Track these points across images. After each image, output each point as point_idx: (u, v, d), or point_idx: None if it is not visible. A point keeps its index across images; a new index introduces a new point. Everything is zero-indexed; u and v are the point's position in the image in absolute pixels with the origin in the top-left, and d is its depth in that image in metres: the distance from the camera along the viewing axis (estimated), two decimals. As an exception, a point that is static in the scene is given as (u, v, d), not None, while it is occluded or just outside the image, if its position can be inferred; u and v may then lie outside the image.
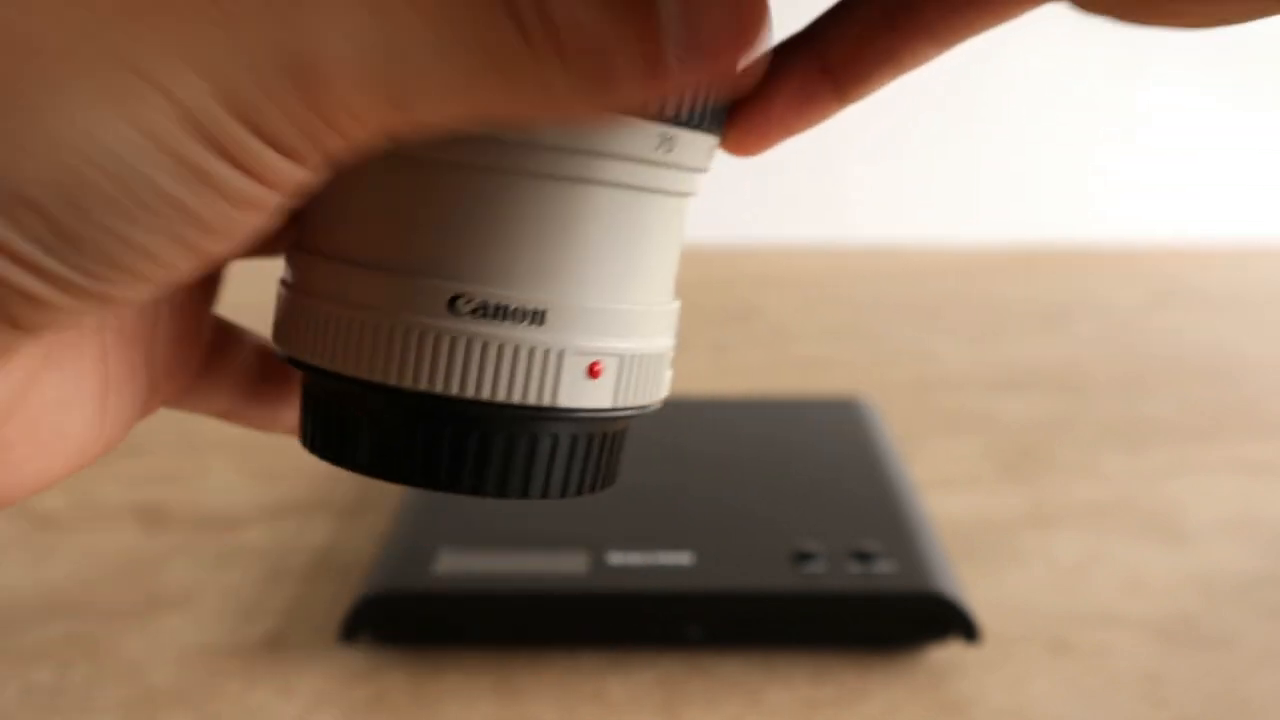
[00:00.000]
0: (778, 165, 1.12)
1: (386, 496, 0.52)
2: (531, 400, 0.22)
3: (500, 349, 0.22)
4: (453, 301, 0.22)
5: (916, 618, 0.39)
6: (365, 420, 0.23)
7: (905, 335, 0.78)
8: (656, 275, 0.24)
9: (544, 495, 0.23)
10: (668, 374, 0.25)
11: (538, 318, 0.22)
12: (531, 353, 0.22)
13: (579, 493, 0.24)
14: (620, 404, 0.23)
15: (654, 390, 0.24)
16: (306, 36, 0.16)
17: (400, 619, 0.40)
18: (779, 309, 0.81)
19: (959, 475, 0.55)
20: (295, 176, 0.17)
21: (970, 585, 0.43)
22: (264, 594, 0.44)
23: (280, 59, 0.16)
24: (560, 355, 0.22)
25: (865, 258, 1.00)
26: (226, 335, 0.28)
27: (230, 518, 0.51)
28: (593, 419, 0.23)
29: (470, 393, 0.22)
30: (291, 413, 0.28)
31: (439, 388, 0.22)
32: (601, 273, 0.23)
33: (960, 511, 0.51)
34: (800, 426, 0.53)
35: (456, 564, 0.41)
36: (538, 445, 0.23)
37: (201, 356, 0.27)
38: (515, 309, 0.22)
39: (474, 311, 0.22)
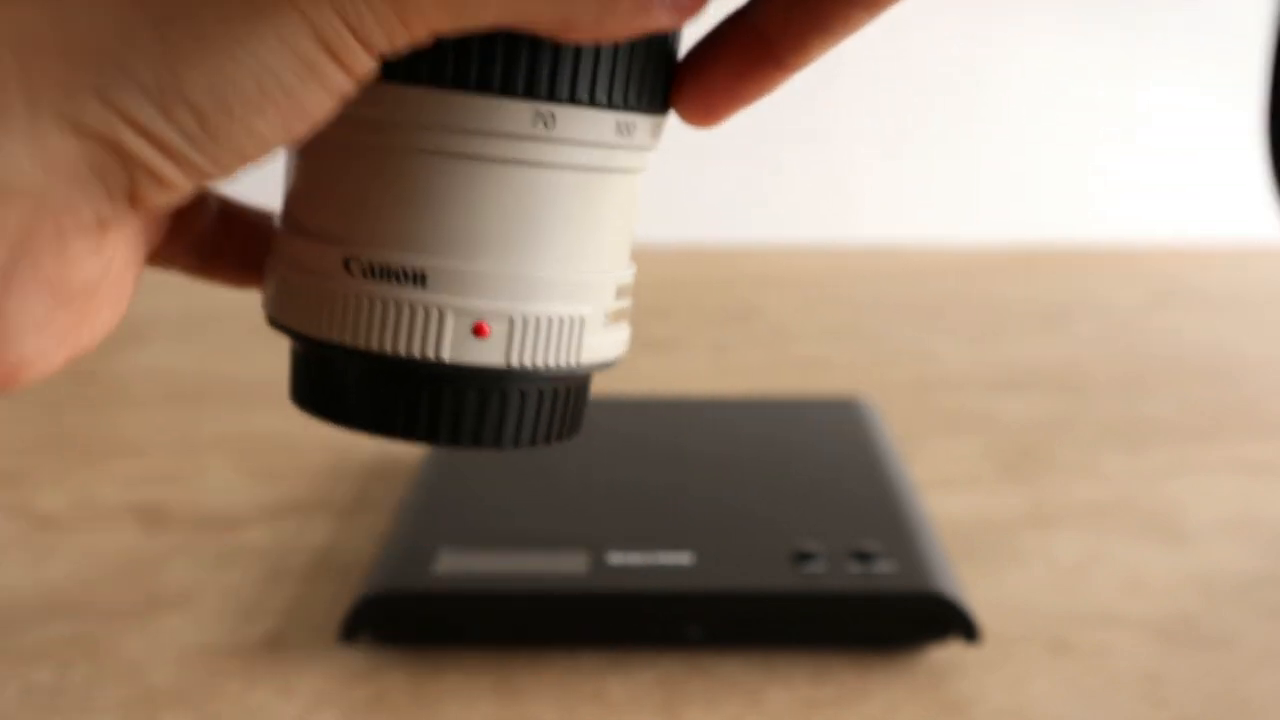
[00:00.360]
0: (778, 166, 1.12)
1: (386, 496, 0.52)
2: (418, 354, 0.24)
3: (384, 306, 0.24)
4: (346, 263, 0.25)
5: (916, 618, 0.39)
6: (304, 364, 0.27)
7: (905, 335, 0.78)
8: (561, 242, 0.25)
9: (452, 442, 0.26)
10: (599, 338, 0.26)
11: (419, 279, 0.24)
12: (413, 310, 0.24)
13: (475, 444, 0.26)
14: (517, 364, 0.25)
15: (566, 354, 0.25)
16: None
17: (400, 619, 0.40)
18: (779, 309, 0.81)
19: (959, 475, 0.55)
20: (369, 67, 0.21)
21: (970, 585, 0.43)
22: (264, 594, 0.44)
23: None
24: (441, 313, 0.24)
25: (865, 258, 1.00)
26: (233, 215, 0.30)
27: (230, 518, 0.51)
28: (489, 375, 0.25)
29: (363, 344, 0.25)
30: (255, 270, 0.29)
31: (344, 339, 0.25)
32: (489, 238, 0.24)
33: (960, 511, 0.51)
34: (800, 426, 0.53)
35: (456, 564, 0.41)
36: (440, 398, 0.25)
37: (168, 218, 0.28)
38: (398, 270, 0.24)
39: (363, 273, 0.24)
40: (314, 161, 0.25)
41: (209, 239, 0.29)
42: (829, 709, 0.38)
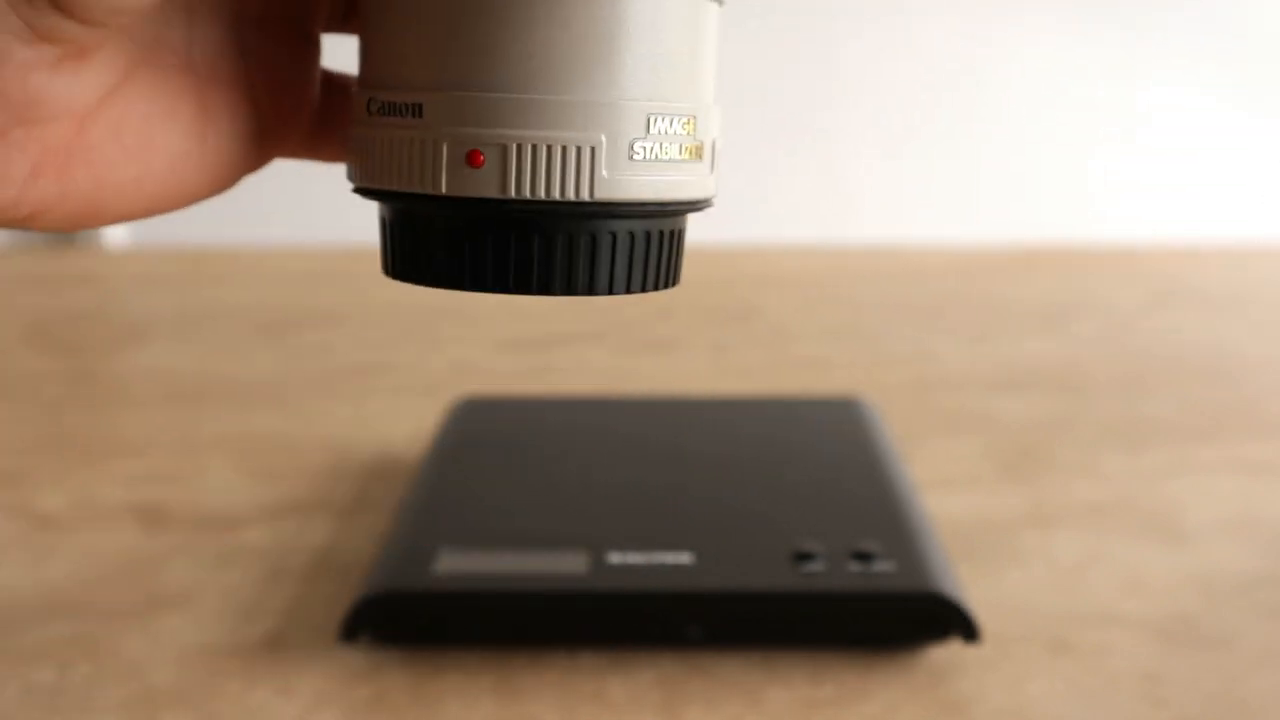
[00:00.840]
0: (778, 166, 1.12)
1: (386, 496, 0.52)
2: (417, 188, 0.24)
3: (388, 141, 0.25)
4: (368, 104, 0.25)
5: (916, 618, 0.39)
6: (384, 226, 0.27)
7: (905, 335, 0.78)
8: (561, 63, 0.23)
9: (451, 283, 0.25)
10: (628, 173, 0.24)
11: (415, 110, 0.24)
12: (409, 143, 0.24)
13: (478, 285, 0.25)
14: (514, 194, 0.24)
15: (575, 185, 0.24)
16: None
17: (400, 619, 0.40)
18: (779, 309, 0.81)
19: (959, 475, 0.55)
20: None
21: (970, 585, 0.43)
22: (264, 594, 0.44)
23: None
24: (435, 144, 0.24)
25: (865, 258, 1.00)
26: (339, 85, 0.31)
27: (230, 518, 0.51)
28: (487, 205, 0.24)
29: (377, 183, 0.25)
30: None
31: (367, 181, 0.26)
32: (479, 63, 0.23)
33: (960, 511, 0.51)
34: (800, 426, 0.53)
35: (456, 564, 0.41)
36: (431, 227, 0.25)
37: (312, 110, 0.30)
38: (399, 104, 0.24)
39: (378, 111, 0.25)
40: (358, 13, 0.26)
41: (317, 120, 0.30)
42: (829, 709, 0.38)
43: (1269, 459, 0.57)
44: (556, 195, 0.24)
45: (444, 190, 0.24)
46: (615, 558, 0.41)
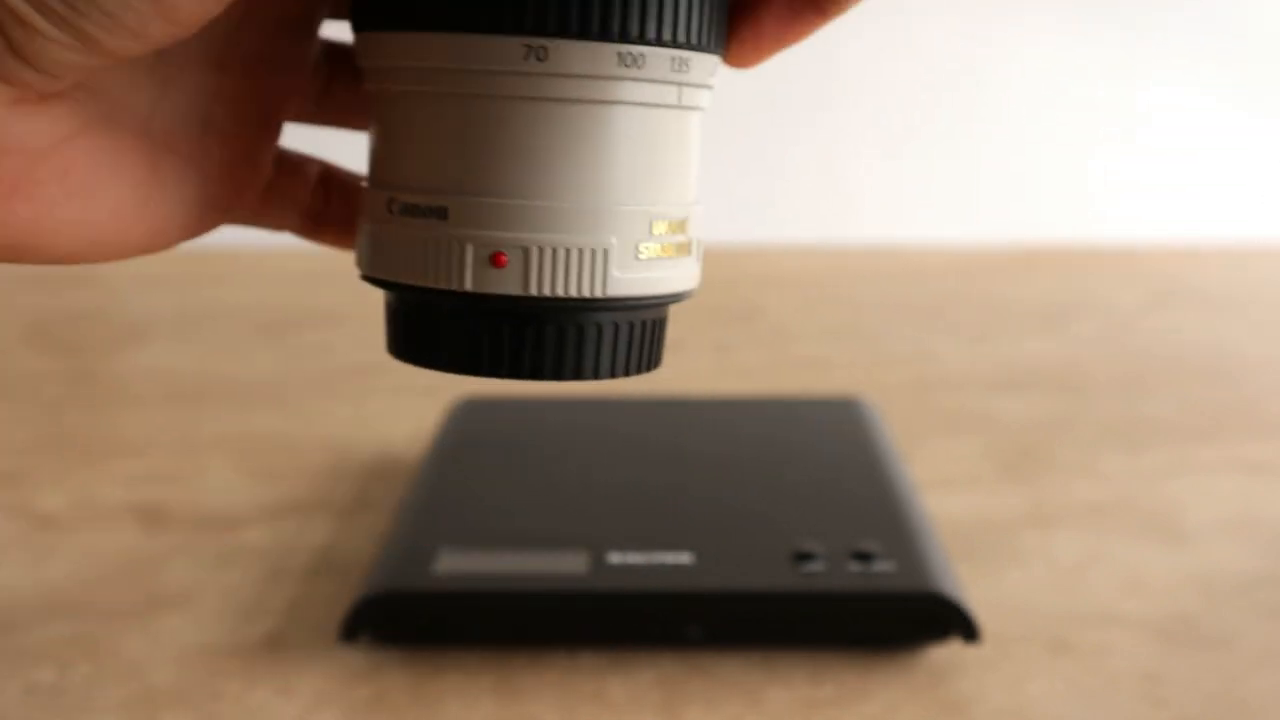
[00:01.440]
0: (779, 166, 1.12)
1: (386, 496, 0.52)
2: (442, 284, 0.26)
3: (412, 239, 0.26)
4: (388, 204, 0.27)
5: (916, 618, 0.39)
6: (391, 311, 0.29)
7: (905, 335, 0.78)
8: (573, 174, 0.26)
9: (462, 369, 0.27)
10: (634, 271, 0.27)
11: (440, 213, 0.26)
12: (433, 242, 0.26)
13: (493, 371, 0.27)
14: (536, 292, 0.26)
15: (589, 284, 0.26)
16: None
17: (400, 619, 0.40)
18: (780, 309, 0.81)
19: (959, 475, 0.55)
20: None
21: (970, 585, 0.43)
22: (264, 594, 0.44)
23: None
24: (460, 245, 0.26)
25: (865, 258, 1.00)
26: (291, 163, 0.32)
27: (230, 518, 0.51)
28: (507, 302, 0.26)
29: (395, 276, 0.27)
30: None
31: (385, 274, 0.27)
32: (502, 172, 0.26)
33: (960, 511, 0.51)
34: (800, 426, 0.53)
35: (456, 564, 0.41)
36: (460, 323, 0.27)
37: (262, 180, 0.31)
38: (422, 206, 0.26)
39: (399, 211, 0.26)
40: (371, 117, 0.28)
41: (313, 204, 0.33)
42: (829, 709, 0.38)
43: (1269, 459, 0.57)
44: (573, 292, 0.26)
45: (468, 287, 0.26)
46: (615, 558, 0.41)
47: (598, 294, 0.26)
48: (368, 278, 0.28)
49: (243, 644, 0.41)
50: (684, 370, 0.71)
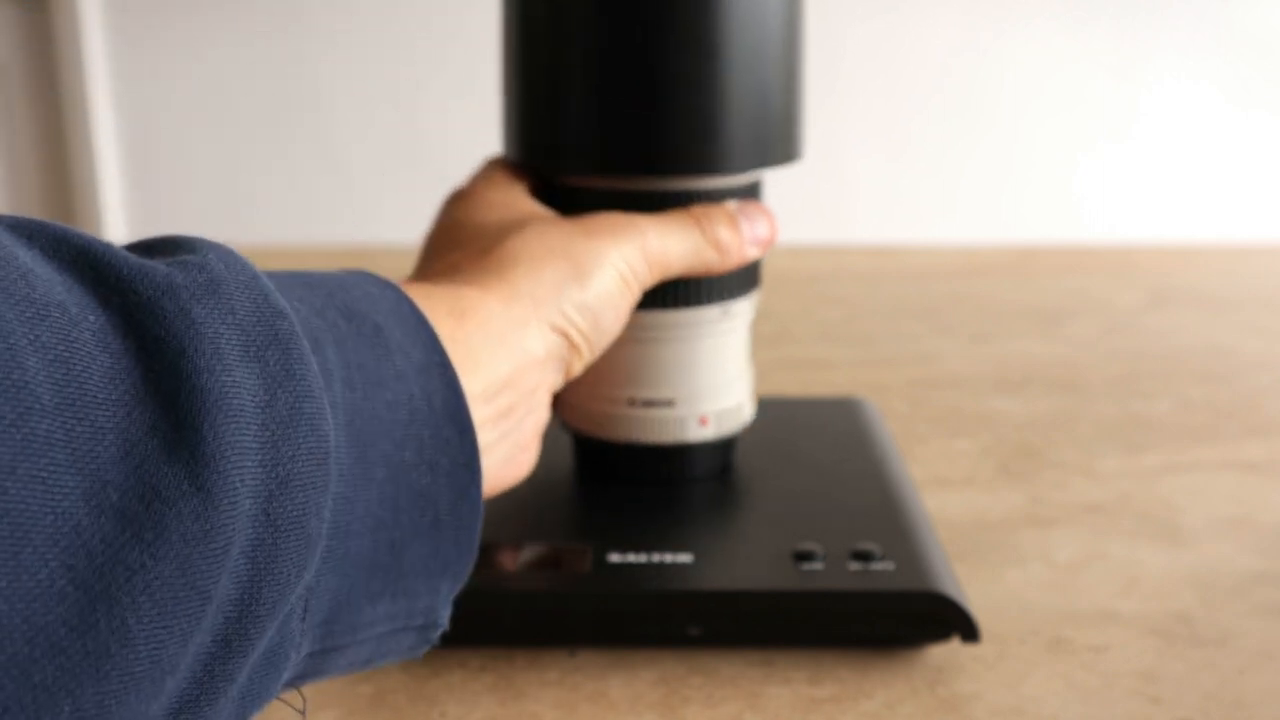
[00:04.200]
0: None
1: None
2: (670, 441, 0.46)
3: (650, 418, 0.45)
4: (630, 401, 0.45)
5: (916, 617, 0.40)
6: (615, 454, 0.47)
7: (904, 335, 0.78)
8: (731, 365, 0.46)
9: (688, 480, 0.47)
10: (747, 408, 0.48)
11: (669, 403, 0.45)
12: (667, 419, 0.45)
13: (701, 478, 0.47)
14: (718, 436, 0.47)
15: (737, 421, 0.47)
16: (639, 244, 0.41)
17: (401, 619, 0.40)
18: (779, 309, 0.81)
19: (957, 475, 0.56)
20: (643, 290, 0.41)
21: (969, 584, 0.44)
22: (265, 594, 0.45)
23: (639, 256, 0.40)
24: (683, 419, 0.45)
25: (865, 258, 1.00)
26: None
27: (231, 518, 0.51)
28: (703, 445, 0.47)
29: (647, 440, 0.46)
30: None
31: (635, 438, 0.46)
32: (701, 374, 0.45)
33: (959, 511, 0.52)
34: (800, 426, 0.53)
35: (457, 564, 0.41)
36: (679, 460, 0.47)
37: None
38: (657, 400, 0.45)
39: (640, 405, 0.45)
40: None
41: None
42: (828, 707, 0.38)
43: (1266, 458, 0.57)
44: (734, 429, 0.47)
45: (686, 439, 0.46)
46: (615, 558, 0.41)
47: (740, 425, 0.48)
48: (632, 444, 0.46)
49: (244, 644, 0.41)
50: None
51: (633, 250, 0.39)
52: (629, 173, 0.41)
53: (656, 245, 0.40)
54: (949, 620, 0.39)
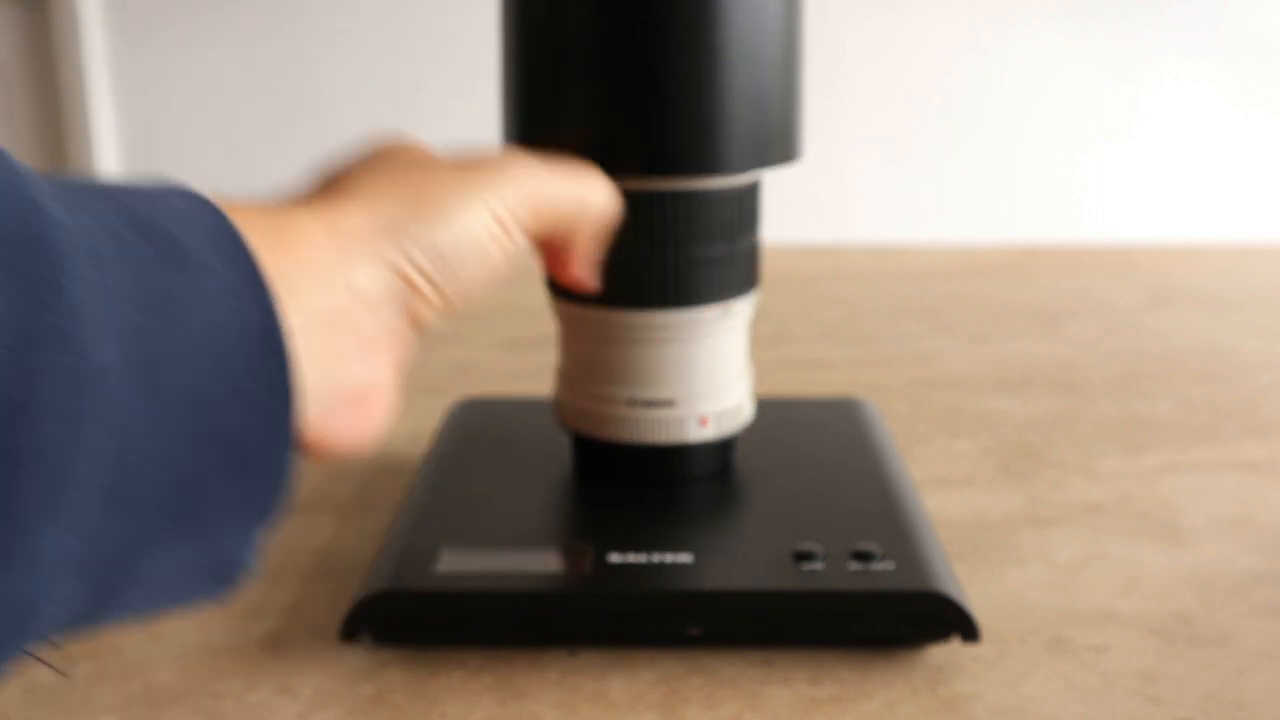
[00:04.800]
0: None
1: (386, 496, 0.52)
2: (670, 441, 0.46)
3: (650, 419, 0.45)
4: (630, 401, 0.45)
5: (916, 617, 0.40)
6: (614, 454, 0.47)
7: (904, 335, 0.78)
8: (731, 365, 0.46)
9: (688, 481, 0.47)
10: (747, 408, 0.48)
11: (669, 404, 0.45)
12: (667, 419, 0.45)
13: (700, 478, 0.47)
14: (718, 436, 0.47)
15: (737, 421, 0.47)
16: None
17: (400, 619, 0.40)
18: (779, 309, 0.81)
19: (957, 475, 0.56)
20: (520, 242, 0.36)
21: (969, 584, 0.44)
22: (265, 594, 0.45)
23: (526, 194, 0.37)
24: (683, 419, 0.45)
25: (865, 258, 1.00)
26: None
27: (231, 518, 0.51)
28: (703, 445, 0.47)
29: (648, 440, 0.46)
30: None
31: (635, 439, 0.46)
32: (701, 373, 0.45)
33: (959, 511, 0.52)
34: (800, 426, 0.53)
35: (457, 563, 0.41)
36: (679, 460, 0.47)
37: None
38: (657, 400, 0.45)
39: (641, 405, 0.45)
40: (602, 349, 0.45)
41: None
42: (828, 707, 0.38)
43: (1266, 458, 0.57)
44: (733, 429, 0.47)
45: (685, 440, 0.46)
46: (615, 558, 0.41)
47: (739, 425, 0.48)
48: (632, 444, 0.46)
49: (243, 643, 0.41)
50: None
51: (514, 191, 0.36)
52: (628, 173, 0.41)
53: (543, 188, 0.37)
54: (949, 620, 0.39)
